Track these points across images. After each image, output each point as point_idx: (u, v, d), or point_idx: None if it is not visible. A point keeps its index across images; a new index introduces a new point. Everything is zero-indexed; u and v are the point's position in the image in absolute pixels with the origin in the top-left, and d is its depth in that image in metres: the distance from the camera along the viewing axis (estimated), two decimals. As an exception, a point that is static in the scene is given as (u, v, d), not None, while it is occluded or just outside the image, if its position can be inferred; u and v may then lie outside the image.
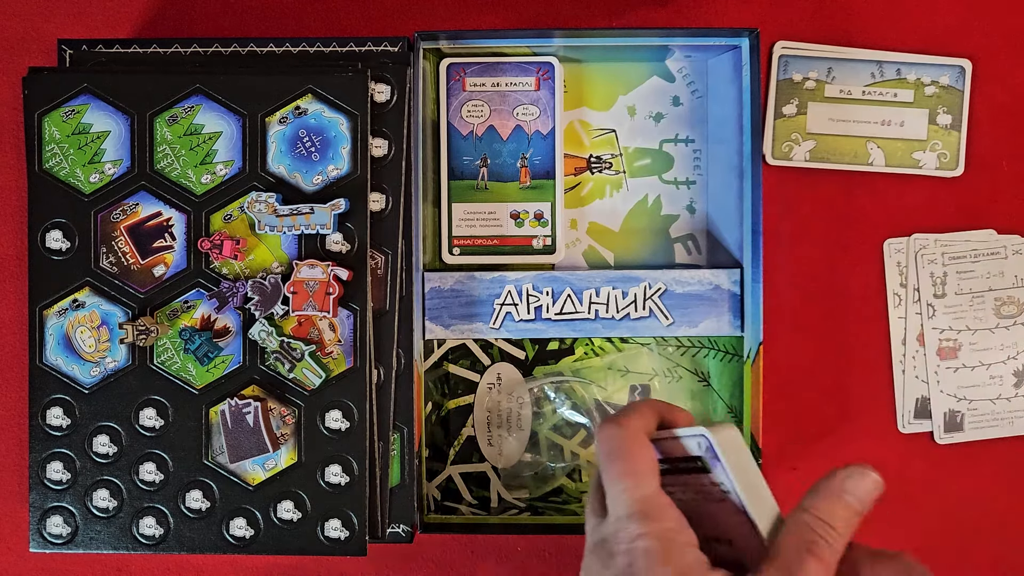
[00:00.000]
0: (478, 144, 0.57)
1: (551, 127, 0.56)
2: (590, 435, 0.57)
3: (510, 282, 0.55)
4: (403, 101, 0.54)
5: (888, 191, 0.60)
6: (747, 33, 0.53)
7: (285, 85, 0.53)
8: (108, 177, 0.54)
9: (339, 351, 0.53)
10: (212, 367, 0.54)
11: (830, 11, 0.60)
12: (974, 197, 0.60)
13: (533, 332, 0.55)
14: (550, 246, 0.57)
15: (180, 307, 0.54)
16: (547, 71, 0.56)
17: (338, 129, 0.53)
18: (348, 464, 0.53)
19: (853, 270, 0.60)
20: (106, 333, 0.54)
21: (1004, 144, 0.60)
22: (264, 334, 0.53)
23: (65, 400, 0.54)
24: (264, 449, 0.52)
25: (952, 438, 0.59)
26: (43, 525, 0.54)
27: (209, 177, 0.54)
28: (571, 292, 0.55)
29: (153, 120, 0.54)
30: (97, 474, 0.54)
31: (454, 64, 0.56)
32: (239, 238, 0.53)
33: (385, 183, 0.54)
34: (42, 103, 0.53)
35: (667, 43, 0.55)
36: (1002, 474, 0.60)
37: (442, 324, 0.55)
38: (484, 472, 0.57)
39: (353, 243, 0.53)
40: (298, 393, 0.53)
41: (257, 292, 0.53)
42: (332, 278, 0.52)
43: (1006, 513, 0.60)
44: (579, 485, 0.57)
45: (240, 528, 0.53)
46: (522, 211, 0.57)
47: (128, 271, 0.54)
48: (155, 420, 0.54)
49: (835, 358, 0.60)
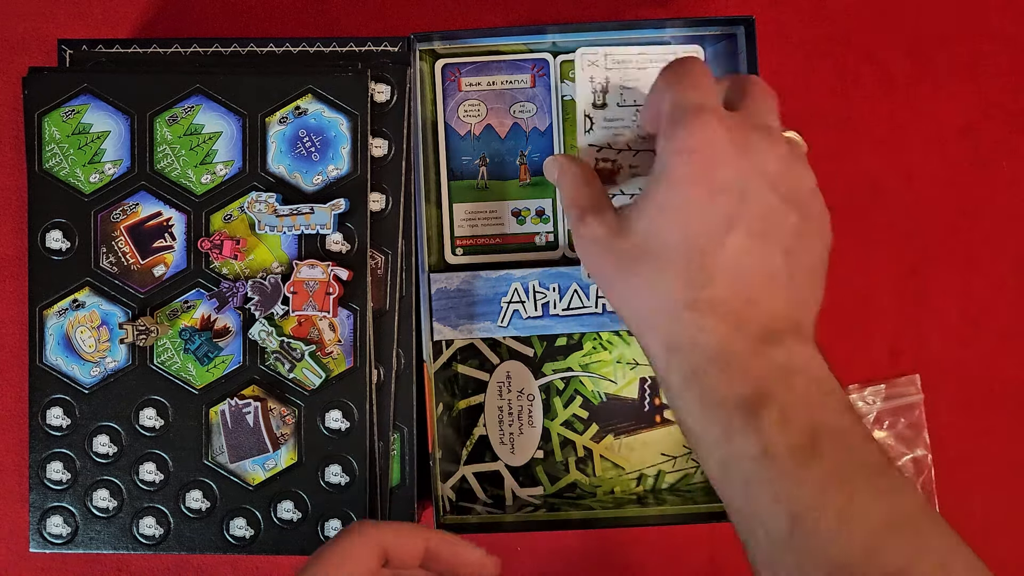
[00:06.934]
0: (476, 143, 0.57)
1: (548, 123, 0.56)
2: (599, 426, 0.57)
3: (516, 279, 0.55)
4: (403, 101, 0.54)
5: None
6: (742, 22, 0.54)
7: (285, 85, 0.53)
8: (108, 177, 0.54)
9: (339, 351, 0.53)
10: (212, 367, 0.54)
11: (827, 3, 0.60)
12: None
13: (541, 329, 0.55)
14: (553, 242, 0.57)
15: (180, 307, 0.54)
16: (542, 67, 0.56)
17: (338, 129, 0.53)
18: (348, 464, 0.53)
19: (871, 251, 0.60)
20: (106, 333, 0.54)
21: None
22: (264, 334, 0.53)
23: (65, 400, 0.54)
24: (264, 449, 0.52)
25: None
26: (43, 525, 0.54)
27: (209, 177, 0.54)
28: (578, 287, 0.55)
29: (153, 120, 0.54)
30: (97, 474, 0.54)
31: (449, 65, 0.56)
32: (239, 238, 0.53)
33: (385, 183, 0.54)
34: (42, 103, 0.53)
35: (662, 35, 0.55)
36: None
37: (450, 325, 0.55)
38: (497, 471, 0.57)
39: (353, 243, 0.53)
40: (298, 393, 0.53)
41: (257, 292, 0.53)
42: (332, 278, 0.52)
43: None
44: (592, 480, 0.57)
45: (240, 528, 0.53)
46: (523, 208, 0.57)
47: (128, 271, 0.54)
48: (155, 420, 0.54)
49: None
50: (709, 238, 0.37)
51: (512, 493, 0.57)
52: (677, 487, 0.58)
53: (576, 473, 0.58)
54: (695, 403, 0.37)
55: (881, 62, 0.61)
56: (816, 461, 0.34)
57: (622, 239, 0.40)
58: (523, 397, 0.57)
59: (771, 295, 0.38)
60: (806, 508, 0.34)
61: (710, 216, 0.37)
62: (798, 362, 0.37)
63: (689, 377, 0.37)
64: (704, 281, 0.37)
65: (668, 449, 0.58)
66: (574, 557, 0.61)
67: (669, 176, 0.38)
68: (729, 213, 0.37)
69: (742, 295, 0.37)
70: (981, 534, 0.60)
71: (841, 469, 0.34)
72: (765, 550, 0.35)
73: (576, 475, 0.58)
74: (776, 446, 0.35)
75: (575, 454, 0.58)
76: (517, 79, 0.56)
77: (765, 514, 0.35)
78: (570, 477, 0.58)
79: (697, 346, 0.37)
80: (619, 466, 0.57)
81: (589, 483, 0.58)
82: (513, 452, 0.57)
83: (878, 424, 0.60)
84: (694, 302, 0.37)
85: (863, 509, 0.34)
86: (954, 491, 0.61)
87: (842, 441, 0.35)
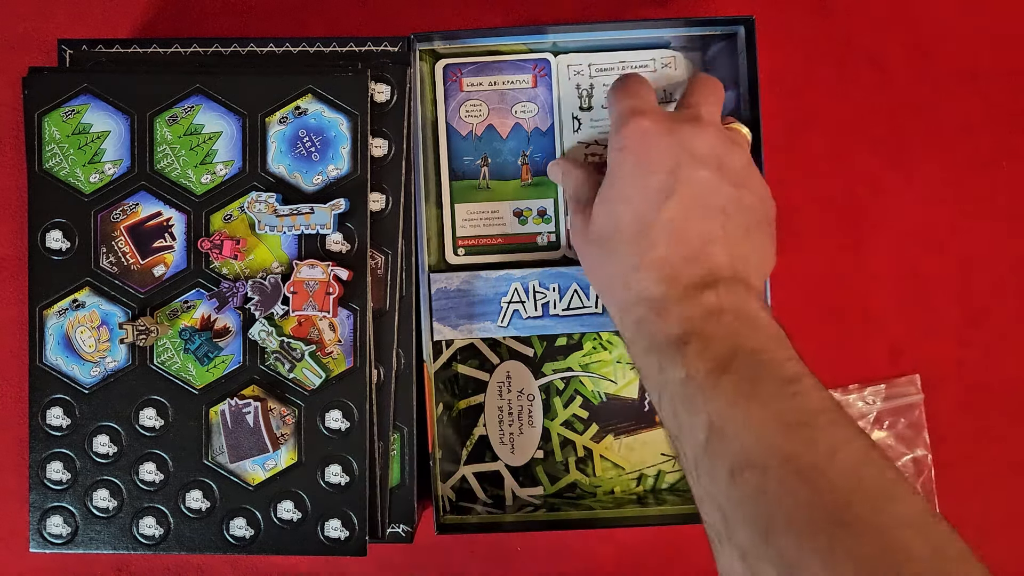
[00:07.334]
0: (478, 144, 0.57)
1: (550, 123, 0.56)
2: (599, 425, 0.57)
3: (516, 279, 0.55)
4: (403, 101, 0.54)
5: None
6: (742, 22, 0.54)
7: (285, 85, 0.53)
8: (108, 177, 0.54)
9: (339, 351, 0.53)
10: (212, 367, 0.53)
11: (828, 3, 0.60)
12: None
13: (541, 329, 0.55)
14: (555, 242, 0.57)
15: (180, 307, 0.54)
16: (543, 67, 0.56)
17: (338, 129, 0.53)
18: (348, 464, 0.53)
19: (866, 247, 0.60)
20: (106, 333, 0.54)
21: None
22: (264, 334, 0.53)
23: (65, 400, 0.54)
24: (264, 449, 0.52)
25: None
26: (43, 525, 0.54)
27: (209, 177, 0.54)
28: (578, 287, 0.55)
29: (153, 120, 0.54)
30: (97, 474, 0.54)
31: (450, 65, 0.56)
32: (239, 238, 0.53)
33: (385, 183, 0.54)
34: (42, 103, 0.53)
35: (662, 35, 0.55)
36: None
37: (450, 325, 0.55)
38: (497, 471, 0.57)
39: (353, 243, 0.53)
40: (298, 393, 0.53)
41: (257, 292, 0.52)
42: (332, 278, 0.52)
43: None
44: (592, 480, 0.57)
45: (240, 528, 0.53)
46: (525, 208, 0.57)
47: (128, 271, 0.54)
48: (155, 420, 0.54)
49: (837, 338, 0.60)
50: (649, 211, 0.44)
51: (512, 493, 0.57)
52: (677, 487, 0.58)
53: (576, 473, 0.58)
54: (642, 349, 0.44)
55: (881, 62, 0.61)
56: (727, 377, 0.39)
57: (591, 226, 0.47)
58: (523, 397, 0.57)
59: (708, 253, 0.44)
60: (719, 417, 0.39)
61: (649, 193, 0.44)
62: (728, 303, 0.42)
63: (637, 327, 0.44)
64: (647, 247, 0.44)
65: (668, 449, 0.58)
66: (574, 557, 0.61)
67: (613, 171, 0.46)
68: (663, 187, 0.44)
69: (680, 254, 0.44)
70: (981, 534, 0.60)
71: (751, 382, 0.39)
72: (690, 459, 0.40)
73: (576, 475, 0.58)
74: (696, 370, 0.40)
75: (575, 454, 0.58)
76: (518, 79, 0.56)
77: (687, 427, 0.40)
78: (570, 477, 0.58)
79: (642, 300, 0.44)
80: (619, 466, 0.57)
81: (589, 483, 0.58)
82: (513, 452, 0.57)
83: (878, 424, 0.60)
84: (640, 265, 0.44)
85: (764, 412, 0.38)
86: (954, 491, 0.61)
87: (754, 359, 0.40)
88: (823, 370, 0.60)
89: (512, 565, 0.61)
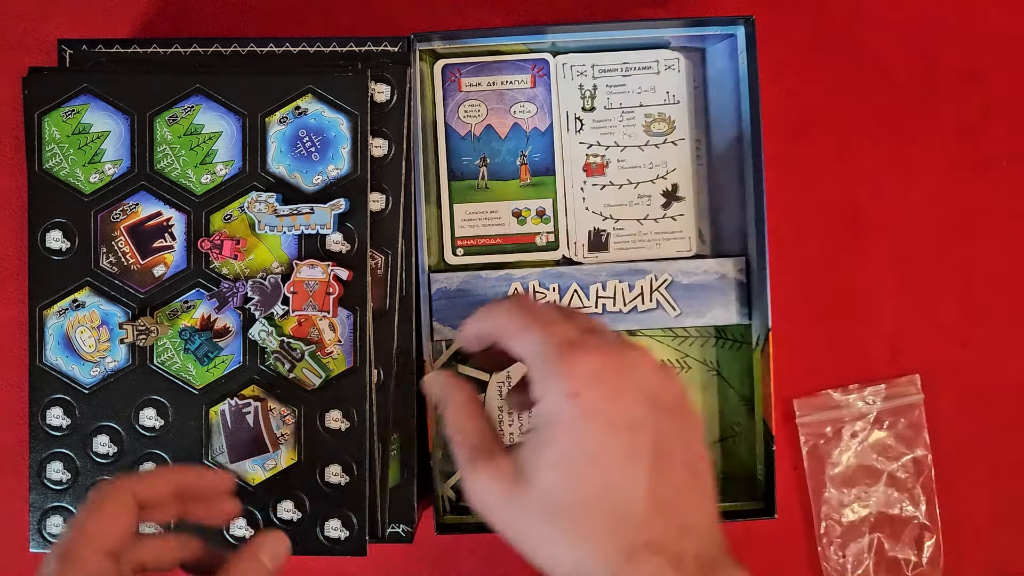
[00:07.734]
0: (477, 144, 0.57)
1: (549, 123, 0.56)
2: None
3: (516, 279, 0.55)
4: (403, 101, 0.54)
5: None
6: (742, 21, 0.54)
7: (285, 85, 0.53)
8: (108, 177, 0.54)
9: (339, 351, 0.53)
10: (212, 367, 0.53)
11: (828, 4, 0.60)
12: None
13: None
14: (553, 242, 0.57)
15: (180, 307, 0.54)
16: (542, 68, 0.56)
17: (338, 129, 0.53)
18: (348, 464, 0.53)
19: (860, 254, 0.60)
20: (106, 333, 0.54)
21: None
22: (264, 334, 0.53)
23: (65, 400, 0.54)
24: (264, 449, 0.52)
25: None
26: (43, 525, 0.54)
27: (209, 177, 0.54)
28: (578, 287, 0.55)
29: (153, 120, 0.54)
30: (97, 474, 0.54)
31: (449, 65, 0.56)
32: (239, 238, 0.53)
33: (385, 183, 0.54)
34: (42, 103, 0.53)
35: (662, 35, 0.55)
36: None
37: (450, 325, 0.55)
38: None
39: (353, 243, 0.53)
40: (298, 393, 0.53)
41: (257, 292, 0.52)
42: (332, 278, 0.52)
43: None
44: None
45: (240, 528, 0.53)
46: (524, 208, 0.57)
47: (128, 271, 0.54)
48: (155, 420, 0.54)
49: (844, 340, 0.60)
50: (627, 480, 0.35)
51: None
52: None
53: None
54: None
55: (881, 62, 0.61)
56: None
57: (524, 489, 0.36)
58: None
59: (697, 511, 0.36)
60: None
61: (619, 457, 0.35)
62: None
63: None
64: (637, 526, 0.35)
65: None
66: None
67: (564, 422, 0.35)
68: (633, 446, 0.35)
69: (675, 524, 0.35)
70: (981, 534, 0.60)
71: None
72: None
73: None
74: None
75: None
76: (517, 79, 0.56)
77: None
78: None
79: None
80: (619, 466, 0.57)
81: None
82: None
83: (878, 424, 0.60)
84: (633, 551, 0.34)
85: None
86: (954, 491, 0.60)
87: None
88: (823, 370, 0.61)
89: (512, 565, 0.61)
